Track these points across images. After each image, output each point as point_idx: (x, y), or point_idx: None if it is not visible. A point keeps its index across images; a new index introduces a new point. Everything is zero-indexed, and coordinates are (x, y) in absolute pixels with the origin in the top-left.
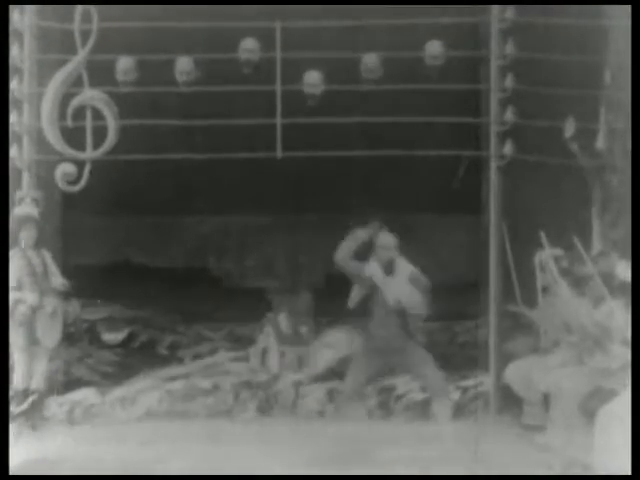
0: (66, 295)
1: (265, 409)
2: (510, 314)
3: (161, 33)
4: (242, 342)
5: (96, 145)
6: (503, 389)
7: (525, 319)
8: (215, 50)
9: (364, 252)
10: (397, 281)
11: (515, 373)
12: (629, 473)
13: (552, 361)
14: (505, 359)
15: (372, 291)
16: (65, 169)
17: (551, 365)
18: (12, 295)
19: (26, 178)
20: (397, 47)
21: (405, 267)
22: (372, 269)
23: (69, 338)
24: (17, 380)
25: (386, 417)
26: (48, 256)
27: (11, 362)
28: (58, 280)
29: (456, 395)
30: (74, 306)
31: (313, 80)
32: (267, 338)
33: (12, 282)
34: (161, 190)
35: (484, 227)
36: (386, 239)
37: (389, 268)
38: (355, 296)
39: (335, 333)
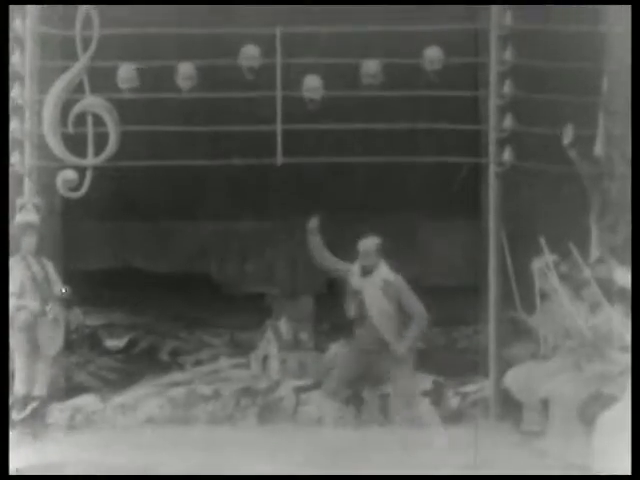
0: (68, 302)
1: (266, 415)
2: (509, 320)
3: (162, 40)
4: (243, 348)
5: (97, 151)
6: (503, 395)
7: (524, 325)
8: (216, 57)
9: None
10: (370, 285)
11: (515, 379)
12: (628, 469)
13: (551, 367)
14: (504, 365)
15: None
16: (66, 176)
17: (550, 371)
18: (14, 302)
19: (27, 184)
20: (396, 53)
21: (382, 273)
22: (351, 269)
23: (70, 345)
24: (18, 387)
25: (385, 423)
26: (49, 264)
27: (12, 369)
28: (59, 288)
29: (456, 401)
30: (76, 313)
31: (313, 84)
32: (268, 344)
33: (14, 289)
34: (162, 196)
35: (483, 233)
36: (365, 244)
37: (368, 271)
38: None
39: None
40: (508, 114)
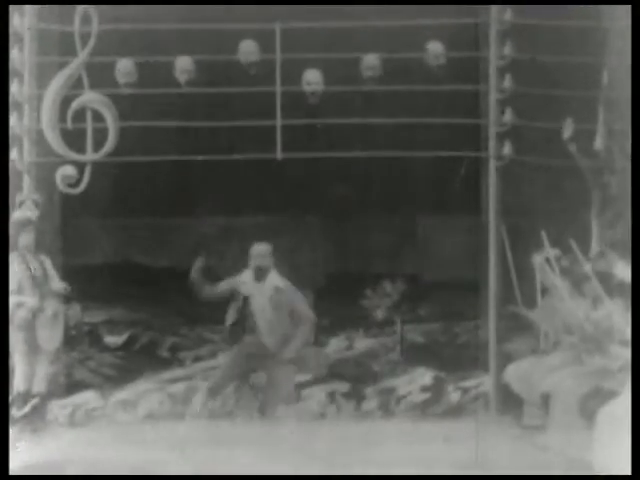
0: (67, 298)
1: (266, 411)
2: (510, 315)
3: (161, 35)
4: None
5: (97, 147)
6: (503, 389)
7: (525, 320)
8: (215, 52)
9: None
10: (260, 293)
11: (515, 373)
12: (629, 473)
13: (552, 361)
14: (505, 359)
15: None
16: (65, 171)
17: (551, 365)
18: (12, 299)
19: (26, 181)
20: (396, 48)
21: (273, 280)
22: (243, 277)
23: (70, 341)
24: (18, 384)
25: (387, 418)
26: (47, 261)
27: (12, 366)
28: (57, 284)
29: (456, 395)
30: (75, 309)
31: (313, 78)
32: None
33: (12, 286)
34: (162, 192)
35: (483, 228)
36: (259, 248)
37: (260, 276)
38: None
39: None
40: (508, 108)
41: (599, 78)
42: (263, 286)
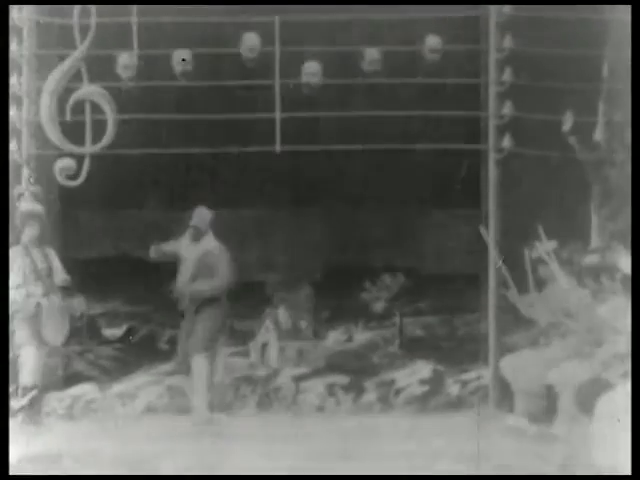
0: (71, 291)
1: (265, 404)
2: (510, 307)
3: (160, 28)
4: (242, 337)
5: (95, 140)
6: (502, 382)
7: (524, 312)
8: (214, 45)
9: None
10: (194, 252)
11: (512, 366)
12: (628, 469)
13: (551, 354)
14: (505, 352)
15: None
16: (64, 164)
17: (550, 358)
18: (17, 292)
19: (25, 173)
20: (395, 41)
21: (207, 242)
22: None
23: (74, 333)
24: (17, 375)
25: (386, 411)
26: (52, 253)
27: (13, 358)
28: (62, 277)
29: (455, 389)
30: (79, 302)
31: (312, 69)
32: (267, 333)
33: (17, 279)
34: (160, 184)
35: (483, 220)
36: (202, 211)
37: (196, 238)
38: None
39: None
40: (507, 100)
41: (599, 70)
42: (196, 248)
